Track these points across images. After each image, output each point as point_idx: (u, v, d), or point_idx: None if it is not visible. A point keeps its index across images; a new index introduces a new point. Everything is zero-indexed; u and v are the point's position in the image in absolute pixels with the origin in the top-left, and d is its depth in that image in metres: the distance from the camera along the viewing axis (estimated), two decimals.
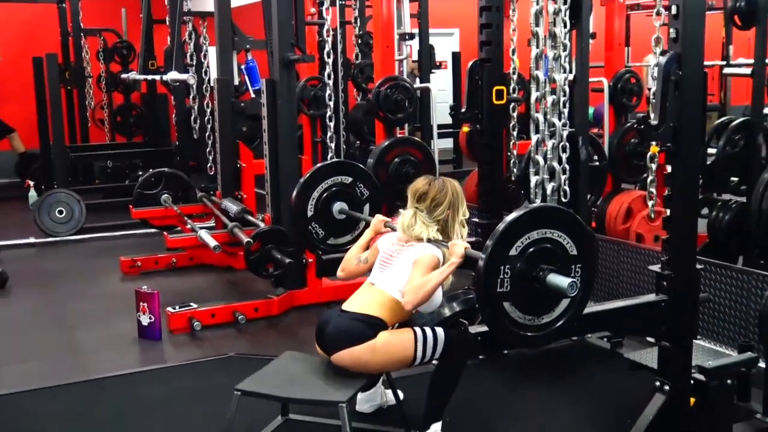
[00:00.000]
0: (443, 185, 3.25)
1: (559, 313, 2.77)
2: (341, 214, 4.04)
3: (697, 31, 2.92)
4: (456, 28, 12.57)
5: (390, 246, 3.28)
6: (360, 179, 4.10)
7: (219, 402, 3.47)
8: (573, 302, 2.76)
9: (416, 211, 3.23)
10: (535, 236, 2.68)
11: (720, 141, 4.59)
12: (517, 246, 2.66)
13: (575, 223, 2.78)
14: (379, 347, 3.01)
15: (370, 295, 3.16)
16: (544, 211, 2.86)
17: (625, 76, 6.12)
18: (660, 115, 2.93)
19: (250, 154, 6.34)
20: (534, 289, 2.68)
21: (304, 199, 3.99)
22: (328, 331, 3.09)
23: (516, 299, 2.68)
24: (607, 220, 5.62)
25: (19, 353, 4.51)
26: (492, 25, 4.05)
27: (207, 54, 7.69)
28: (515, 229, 2.67)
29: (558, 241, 2.72)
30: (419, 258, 3.09)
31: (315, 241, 4.06)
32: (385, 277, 3.19)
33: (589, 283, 2.80)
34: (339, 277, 3.54)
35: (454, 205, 3.25)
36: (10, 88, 10.32)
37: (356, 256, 3.45)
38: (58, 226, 7.39)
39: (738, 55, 7.26)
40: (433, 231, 3.19)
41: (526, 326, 2.72)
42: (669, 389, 3.06)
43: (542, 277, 2.66)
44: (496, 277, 2.63)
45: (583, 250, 2.76)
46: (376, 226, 3.53)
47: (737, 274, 3.97)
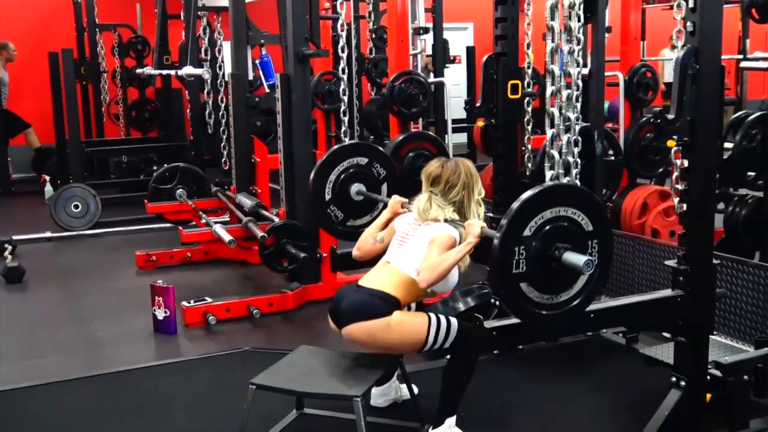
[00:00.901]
0: (456, 167, 3.23)
1: (577, 290, 2.75)
2: (359, 196, 4.01)
3: (714, 25, 2.89)
4: (470, 22, 12.54)
5: (406, 226, 3.27)
6: (376, 159, 4.06)
7: (234, 396, 3.50)
8: (591, 279, 2.74)
9: (431, 195, 3.22)
10: (549, 215, 2.66)
11: (737, 135, 4.55)
12: (531, 226, 2.64)
13: (589, 199, 2.76)
14: (393, 325, 3.00)
15: (386, 274, 3.16)
16: (556, 190, 2.83)
17: (641, 71, 6.08)
18: (677, 109, 2.91)
19: (265, 149, 6.35)
20: (550, 269, 2.66)
21: (321, 182, 3.96)
22: (344, 304, 3.09)
23: (532, 279, 2.66)
24: (623, 215, 5.60)
25: (36, 347, 4.54)
26: (507, 18, 4.04)
27: (221, 49, 7.70)
28: (528, 209, 2.65)
29: (573, 219, 2.69)
30: (435, 237, 3.08)
31: (334, 224, 4.04)
32: (401, 256, 3.18)
33: (606, 258, 2.77)
34: (354, 256, 3.53)
35: (469, 185, 3.23)
36: (26, 84, 10.38)
37: (372, 236, 3.45)
38: (73, 220, 7.43)
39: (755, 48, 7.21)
40: (449, 212, 3.18)
41: (544, 305, 2.70)
42: (685, 385, 3.05)
43: (558, 255, 2.64)
44: (511, 258, 2.61)
45: (598, 226, 2.73)
46: (394, 207, 3.51)
47: (754, 269, 3.94)
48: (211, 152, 8.23)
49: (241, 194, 6.12)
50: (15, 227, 7.22)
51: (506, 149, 4.33)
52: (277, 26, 6.87)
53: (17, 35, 10.31)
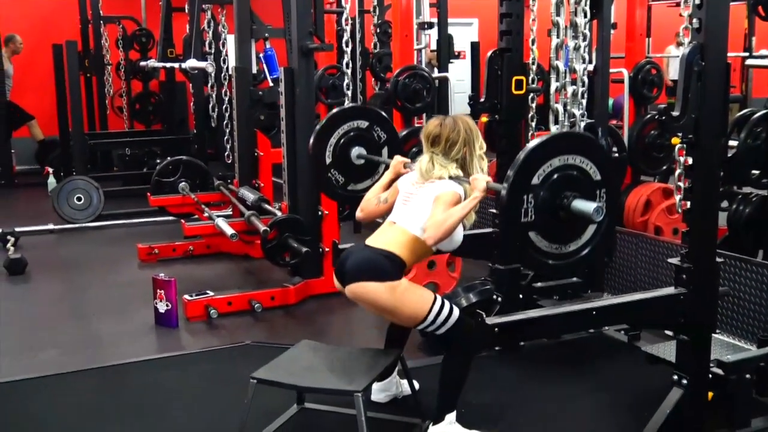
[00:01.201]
0: (455, 123, 3.20)
1: (585, 240, 2.73)
2: (360, 159, 3.97)
3: (720, 22, 2.88)
4: (475, 17, 12.51)
5: (410, 185, 3.25)
6: (377, 123, 4.02)
7: (235, 390, 3.49)
8: (599, 228, 2.72)
9: (432, 155, 3.19)
10: (557, 163, 2.65)
11: (741, 133, 4.53)
12: (539, 174, 2.62)
13: (597, 148, 2.74)
14: (398, 290, 2.98)
15: (392, 233, 3.14)
16: (564, 138, 2.81)
17: (646, 67, 6.07)
18: (682, 107, 2.89)
19: (268, 143, 6.34)
20: (559, 217, 2.65)
21: (321, 146, 3.92)
22: (350, 262, 3.08)
23: (541, 228, 2.65)
24: (626, 213, 5.59)
25: (37, 339, 4.54)
26: (512, 14, 4.02)
27: (225, 42, 7.69)
28: (536, 157, 2.63)
29: (581, 167, 2.68)
30: (440, 194, 3.06)
31: (335, 188, 4.00)
32: (406, 215, 3.16)
33: (614, 209, 2.76)
34: (358, 217, 3.51)
35: (469, 141, 3.20)
36: (30, 76, 10.38)
37: (376, 197, 3.42)
38: (76, 213, 7.44)
39: (760, 46, 7.19)
40: (452, 169, 3.16)
41: (552, 255, 2.70)
42: (687, 383, 3.04)
43: (567, 203, 2.62)
44: (519, 207, 2.60)
45: (606, 175, 2.72)
46: (396, 167, 3.48)
47: (757, 268, 3.93)
48: (214, 146, 8.23)
49: (243, 188, 6.12)
50: (18, 219, 7.23)
51: (510, 145, 4.30)
52: (281, 20, 6.85)
53: (22, 27, 10.30)
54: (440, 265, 4.80)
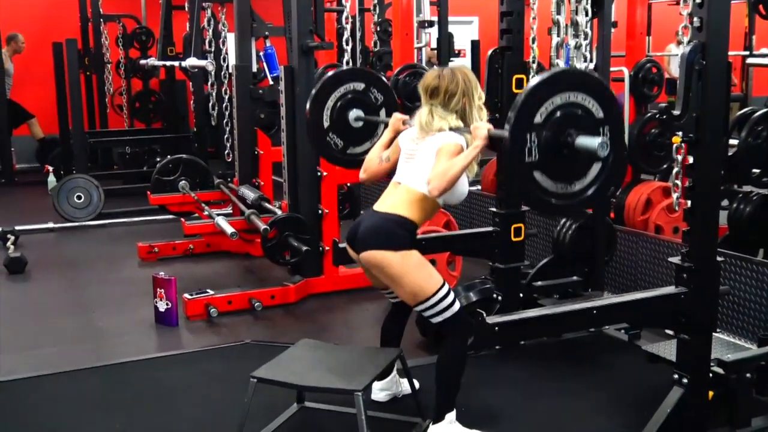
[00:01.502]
0: (453, 75, 3.17)
1: (591, 179, 2.73)
2: (358, 122, 3.94)
3: (722, 21, 2.87)
4: (475, 16, 12.51)
5: (410, 142, 3.23)
6: (373, 84, 3.97)
7: (235, 388, 3.49)
8: (605, 166, 2.71)
9: (431, 107, 3.17)
10: (559, 101, 2.62)
11: (742, 132, 4.53)
12: (541, 113, 2.60)
13: (598, 85, 2.72)
14: (411, 261, 3.01)
15: (397, 195, 3.14)
16: (565, 75, 2.78)
17: (646, 66, 6.06)
18: (683, 105, 2.89)
19: (268, 141, 6.34)
20: (563, 156, 2.63)
21: (318, 110, 3.88)
22: (362, 228, 3.10)
23: (545, 167, 2.63)
24: (626, 211, 5.58)
25: (37, 337, 4.54)
26: (513, 12, 4.01)
27: (226, 40, 7.68)
28: (538, 95, 2.62)
29: (583, 105, 2.66)
30: (442, 146, 3.04)
31: (334, 152, 3.97)
32: (410, 173, 3.15)
33: (619, 146, 2.73)
34: (361, 179, 3.49)
35: (468, 91, 3.17)
36: (30, 74, 10.37)
37: (378, 156, 3.40)
38: (76, 211, 7.43)
39: (761, 45, 7.19)
40: (452, 120, 3.14)
41: (558, 195, 2.68)
42: (687, 382, 3.04)
43: (571, 141, 2.61)
44: (523, 146, 2.58)
45: (609, 112, 2.70)
46: (395, 124, 3.45)
47: (758, 267, 3.93)
48: (215, 144, 8.22)
49: (243, 186, 6.11)
50: (18, 218, 7.23)
51: None
52: (281, 18, 6.85)
53: (22, 25, 10.30)
54: (440, 263, 4.80)
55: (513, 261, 4.11)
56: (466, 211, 6.30)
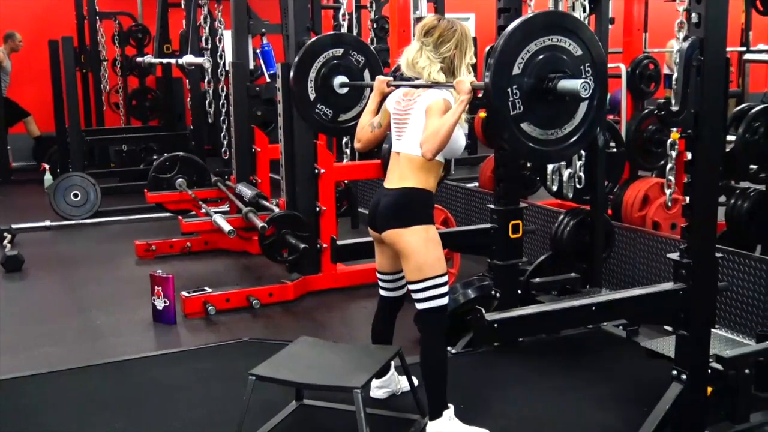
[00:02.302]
0: (452, 24, 3.14)
1: (579, 119, 2.73)
2: (343, 88, 3.91)
3: (719, 16, 2.87)
4: (472, 12, 12.49)
5: (398, 105, 3.21)
6: (352, 47, 3.96)
7: (233, 386, 3.49)
8: (591, 104, 2.71)
9: (422, 45, 3.12)
10: (534, 48, 2.62)
11: (739, 128, 4.53)
12: (518, 63, 2.60)
13: (573, 22, 2.70)
14: (430, 236, 3.06)
15: (402, 166, 3.14)
16: (536, 18, 2.76)
17: (644, 62, 6.06)
18: (681, 101, 2.89)
19: (265, 139, 6.34)
20: (548, 102, 2.63)
21: (302, 83, 3.87)
22: (380, 208, 3.13)
23: (532, 117, 2.63)
24: (624, 208, 5.58)
25: (35, 336, 4.53)
26: (510, 9, 4.01)
27: (222, 38, 7.67)
28: (512, 45, 2.61)
29: (560, 46, 2.65)
30: (429, 105, 3.02)
31: (325, 122, 3.96)
32: (406, 141, 3.14)
33: (602, 80, 2.72)
34: (357, 148, 3.48)
35: (462, 44, 3.13)
36: (26, 72, 10.33)
37: (369, 123, 3.38)
38: (73, 209, 7.42)
39: (757, 41, 7.18)
40: (436, 69, 3.09)
41: (549, 141, 2.69)
42: (686, 378, 3.04)
43: (553, 86, 2.60)
44: (506, 100, 2.58)
45: (587, 48, 2.70)
46: (379, 87, 3.40)
47: (756, 263, 3.94)
48: (212, 142, 8.20)
49: (241, 184, 6.11)
50: (14, 216, 7.22)
51: None
52: (278, 15, 6.84)
53: (18, 23, 10.28)
54: None
55: (511, 258, 4.11)
56: (463, 208, 6.30)
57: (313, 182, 5.19)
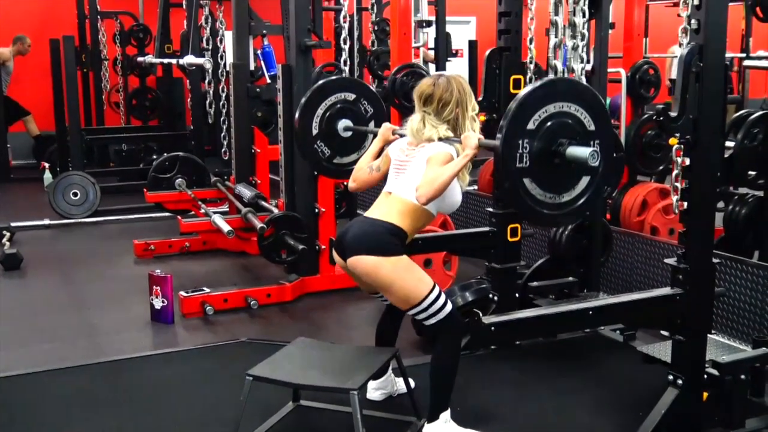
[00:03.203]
0: (449, 83, 3.16)
1: (579, 190, 2.75)
2: (347, 132, 3.95)
3: (719, 22, 2.88)
4: (473, 16, 12.51)
5: (400, 152, 3.22)
6: (364, 96, 4.00)
7: (230, 386, 3.49)
8: (593, 179, 2.73)
9: (424, 114, 3.16)
10: (552, 110, 2.66)
11: (738, 134, 4.54)
12: (534, 119, 2.64)
13: (592, 96, 2.74)
14: (399, 266, 2.98)
15: (389, 204, 3.13)
16: (560, 84, 2.81)
17: (644, 67, 6.07)
18: (680, 107, 2.90)
19: (265, 140, 6.34)
20: (554, 165, 2.67)
21: (307, 117, 3.90)
22: (350, 234, 3.08)
23: (536, 175, 2.67)
24: (622, 212, 5.59)
25: (33, 334, 4.54)
26: (511, 13, 4.02)
27: (223, 38, 7.68)
28: (532, 101, 2.65)
29: (576, 116, 2.69)
30: (432, 156, 3.04)
31: (321, 160, 3.98)
32: (401, 183, 3.14)
33: (607, 161, 2.76)
34: (351, 188, 3.48)
35: (462, 102, 3.16)
36: (27, 70, 10.34)
37: (368, 165, 3.39)
38: (72, 208, 7.42)
39: (757, 47, 7.19)
40: (443, 130, 3.13)
41: (546, 204, 2.72)
42: (682, 383, 3.05)
43: (562, 150, 2.64)
44: (515, 151, 2.61)
45: (601, 126, 2.73)
46: (385, 134, 3.45)
47: (753, 268, 3.94)
48: (211, 142, 8.21)
49: (240, 185, 6.11)
50: (13, 214, 7.23)
51: None
52: (279, 16, 6.85)
53: (19, 21, 10.29)
54: (436, 263, 4.81)
55: (509, 261, 4.12)
56: (462, 211, 6.30)
57: (312, 183, 5.20)
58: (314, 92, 3.95)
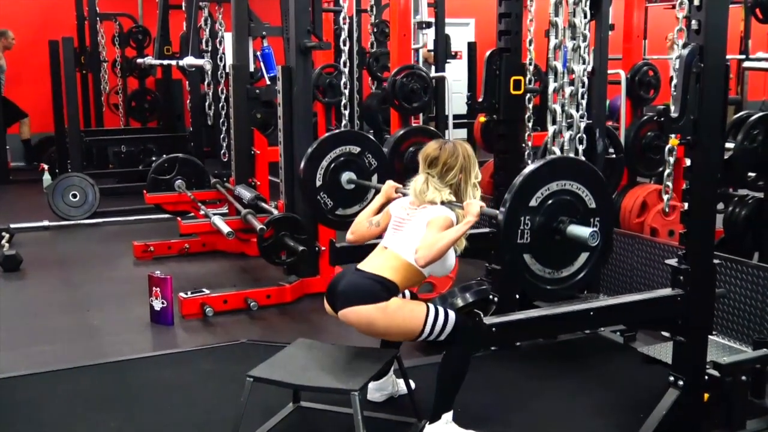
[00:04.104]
0: (454, 149, 3.20)
1: (578, 266, 2.76)
2: (350, 184, 3.99)
3: (720, 23, 2.88)
4: (472, 17, 12.51)
5: (402, 211, 3.25)
6: (368, 149, 4.04)
7: (230, 387, 3.49)
8: (592, 255, 2.75)
9: (428, 177, 3.19)
10: (555, 188, 2.70)
11: (738, 135, 4.54)
12: (537, 197, 2.67)
13: (593, 175, 2.77)
14: (390, 310, 2.98)
15: (384, 258, 3.14)
16: (564, 162, 2.84)
17: (643, 69, 6.07)
18: (681, 108, 2.90)
19: (265, 141, 6.34)
20: (554, 242, 2.69)
21: (311, 168, 3.95)
22: (342, 285, 3.08)
23: (536, 251, 2.69)
24: (622, 214, 5.58)
25: (32, 335, 4.54)
26: (511, 14, 4.03)
27: (223, 40, 7.68)
28: (535, 179, 2.68)
29: (577, 194, 2.73)
30: (432, 219, 3.07)
31: (323, 211, 4.02)
32: (399, 240, 3.16)
33: (607, 238, 2.79)
34: (348, 240, 3.50)
35: (466, 168, 3.21)
36: (25, 72, 10.35)
37: (368, 219, 3.42)
38: (71, 209, 7.42)
39: (757, 48, 7.20)
40: (445, 194, 3.16)
41: (546, 279, 2.74)
42: (683, 384, 3.04)
43: (563, 228, 2.66)
44: (516, 227, 2.64)
45: (601, 204, 2.76)
46: (387, 191, 3.49)
47: (753, 270, 3.94)
48: (211, 144, 8.22)
49: (240, 186, 6.11)
50: (13, 215, 7.23)
51: (508, 145, 4.32)
52: (278, 18, 6.85)
53: (18, 23, 10.29)
54: None
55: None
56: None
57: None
58: (319, 145, 4.02)
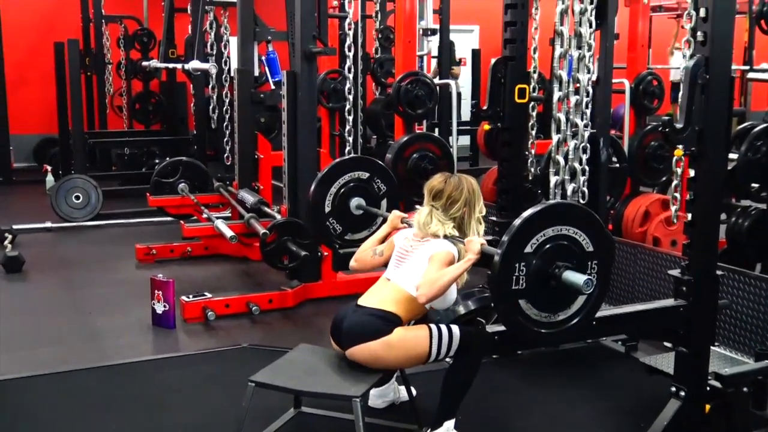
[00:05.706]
0: (459, 183, 3.24)
1: (575, 310, 2.76)
2: (358, 210, 4.03)
3: (725, 35, 2.89)
4: (476, 24, 12.54)
5: (405, 242, 3.27)
6: (378, 175, 4.08)
7: (232, 392, 3.49)
8: (589, 299, 2.75)
9: (432, 209, 3.22)
10: (551, 233, 2.68)
11: (742, 146, 4.55)
12: (532, 243, 2.66)
13: (591, 219, 2.77)
14: (394, 343, 3.00)
15: (386, 291, 3.16)
16: (559, 208, 2.85)
17: (648, 78, 6.09)
18: (685, 119, 2.90)
19: (268, 146, 6.35)
20: (550, 286, 2.68)
21: (321, 194, 3.98)
22: (345, 326, 3.09)
23: (532, 296, 2.68)
24: (624, 223, 5.59)
25: (34, 337, 4.53)
26: (517, 22, 4.03)
27: (228, 44, 7.70)
28: (530, 226, 2.67)
29: (574, 238, 2.71)
30: (434, 254, 3.09)
31: (332, 236, 4.06)
32: (401, 273, 3.18)
33: (605, 279, 2.79)
34: (351, 267, 3.53)
35: (471, 202, 3.23)
36: (31, 73, 10.37)
37: (372, 248, 3.44)
38: (74, 211, 7.43)
39: (760, 60, 7.21)
40: (449, 228, 3.18)
41: (541, 323, 2.72)
42: (684, 395, 3.04)
43: (558, 274, 2.65)
44: (511, 274, 2.63)
45: (599, 247, 2.75)
46: (393, 221, 3.52)
47: (756, 281, 3.93)
48: (214, 147, 8.22)
49: (243, 190, 6.12)
50: (15, 217, 7.23)
51: (512, 153, 4.33)
52: (284, 23, 6.86)
53: (24, 25, 10.32)
54: None
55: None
56: None
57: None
58: (329, 171, 4.03)
